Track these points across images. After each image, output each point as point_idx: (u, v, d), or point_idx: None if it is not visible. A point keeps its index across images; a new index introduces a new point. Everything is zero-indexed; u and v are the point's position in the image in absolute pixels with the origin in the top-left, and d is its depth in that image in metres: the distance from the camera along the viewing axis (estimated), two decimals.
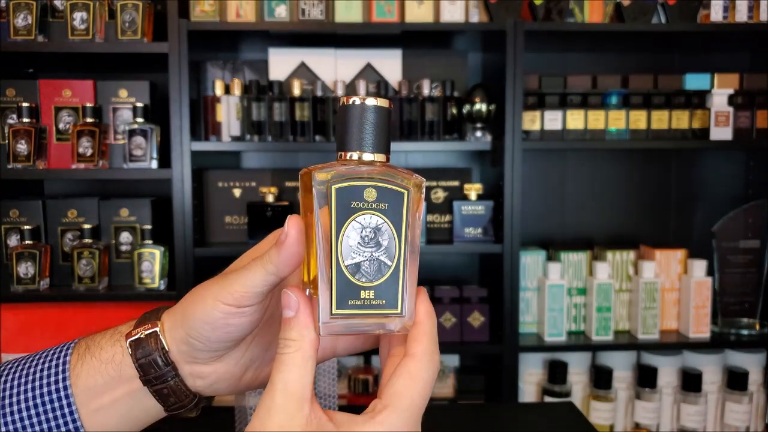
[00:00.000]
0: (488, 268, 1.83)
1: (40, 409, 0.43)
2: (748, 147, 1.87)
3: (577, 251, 1.79)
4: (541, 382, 1.80)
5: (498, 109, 1.67)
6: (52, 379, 0.44)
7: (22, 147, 1.61)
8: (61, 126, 1.69)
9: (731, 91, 1.73)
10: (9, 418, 0.43)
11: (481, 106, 1.67)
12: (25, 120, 1.62)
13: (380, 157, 0.39)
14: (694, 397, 1.71)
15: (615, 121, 1.72)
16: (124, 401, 0.44)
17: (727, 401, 1.74)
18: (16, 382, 0.44)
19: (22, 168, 1.61)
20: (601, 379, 1.72)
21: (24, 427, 0.44)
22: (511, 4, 1.66)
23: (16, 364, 0.46)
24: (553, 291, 1.72)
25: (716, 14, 1.69)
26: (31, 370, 0.45)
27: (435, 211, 1.76)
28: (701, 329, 1.73)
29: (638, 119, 1.72)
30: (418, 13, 1.66)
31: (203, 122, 1.71)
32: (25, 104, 1.63)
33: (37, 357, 0.45)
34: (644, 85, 1.74)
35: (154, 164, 1.65)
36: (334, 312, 0.38)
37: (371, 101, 0.39)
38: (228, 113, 1.68)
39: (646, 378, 1.72)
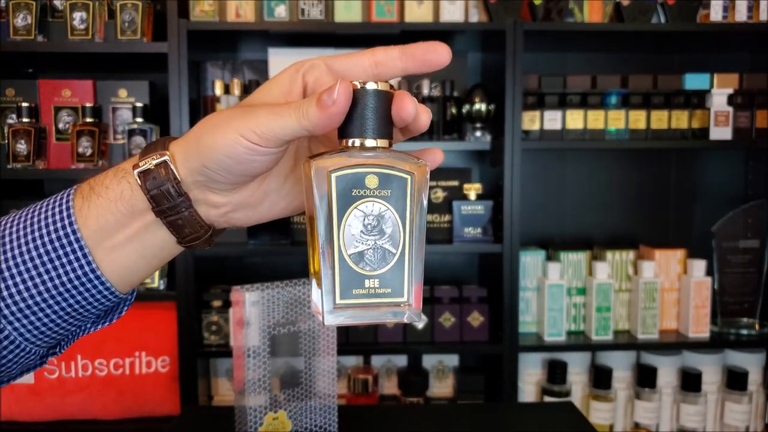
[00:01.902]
0: (488, 268, 1.83)
1: (52, 255, 0.41)
2: (747, 147, 1.87)
3: (576, 251, 1.79)
4: (540, 382, 1.80)
5: (497, 109, 1.67)
6: (59, 224, 0.41)
7: (22, 147, 1.61)
8: (60, 126, 1.69)
9: (731, 90, 1.73)
10: (16, 273, 0.41)
11: (480, 106, 1.67)
12: (25, 120, 1.62)
13: (383, 143, 0.39)
14: (694, 397, 1.71)
15: (614, 120, 1.72)
16: (139, 237, 0.43)
17: (726, 401, 1.74)
18: (17, 235, 0.42)
19: (21, 168, 1.61)
20: (601, 379, 1.72)
21: (40, 276, 0.41)
22: (510, 4, 1.66)
23: (15, 218, 0.43)
24: (553, 291, 1.72)
25: (716, 14, 1.69)
26: (35, 219, 0.42)
27: (434, 211, 1.76)
28: (701, 329, 1.73)
29: (638, 119, 1.72)
30: (418, 13, 1.66)
31: None
32: (24, 104, 1.63)
33: (38, 207, 0.43)
34: (644, 85, 1.74)
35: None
36: (338, 302, 0.38)
37: (371, 85, 0.38)
38: None
39: (645, 378, 1.72)
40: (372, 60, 0.41)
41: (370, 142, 0.38)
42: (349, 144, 0.38)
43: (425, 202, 0.39)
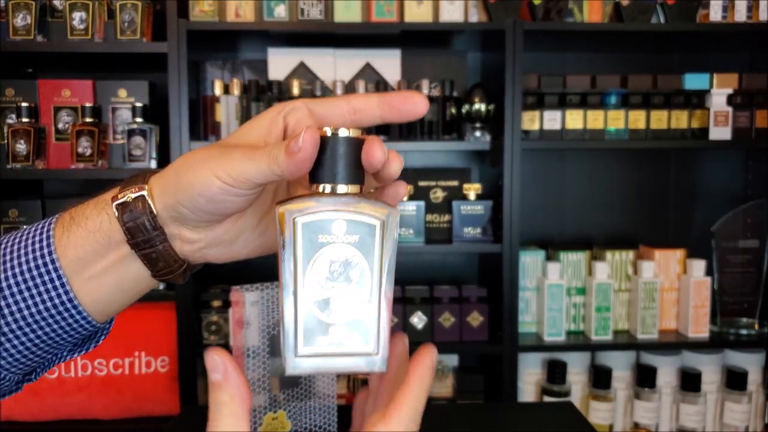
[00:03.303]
0: (487, 267, 1.83)
1: (30, 284, 0.42)
2: (747, 147, 1.87)
3: (576, 251, 1.79)
4: (540, 381, 1.80)
5: (497, 108, 1.67)
6: (38, 253, 0.42)
7: (22, 147, 1.61)
8: (60, 126, 1.69)
9: (730, 90, 1.73)
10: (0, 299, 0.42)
11: (480, 106, 1.67)
12: (25, 120, 1.62)
13: (353, 189, 0.38)
14: (694, 396, 1.71)
15: (614, 120, 1.72)
16: (115, 268, 0.43)
17: (726, 401, 1.74)
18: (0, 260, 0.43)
19: (21, 168, 1.61)
20: (601, 378, 1.72)
21: (17, 304, 0.42)
22: (510, 4, 1.66)
23: None
24: (553, 291, 1.72)
25: (715, 14, 1.69)
26: (15, 247, 0.43)
27: (434, 211, 1.76)
28: (700, 329, 1.73)
29: (637, 119, 1.72)
30: (418, 13, 1.66)
31: (202, 122, 1.71)
32: (24, 104, 1.62)
33: (19, 235, 0.44)
34: (643, 84, 1.74)
35: (154, 164, 1.65)
36: (300, 350, 0.37)
37: (343, 132, 0.38)
38: (227, 113, 1.68)
39: (645, 378, 1.72)
40: (350, 106, 0.41)
41: (340, 188, 0.38)
42: (320, 189, 0.38)
43: (394, 248, 0.38)
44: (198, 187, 0.40)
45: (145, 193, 0.42)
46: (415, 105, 0.41)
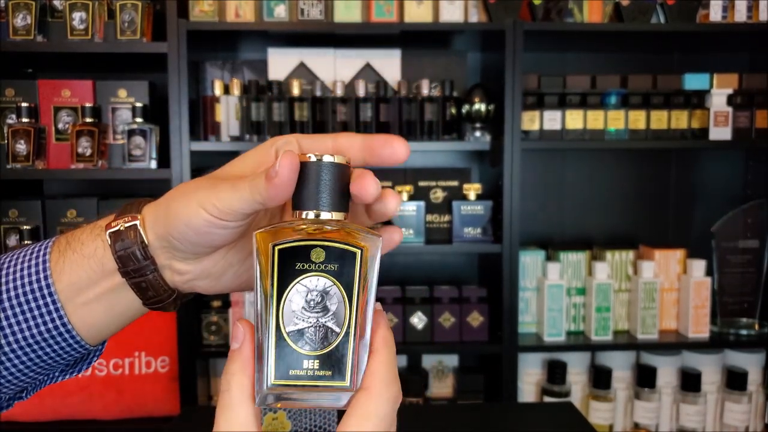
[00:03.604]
0: (487, 268, 1.83)
1: (24, 308, 0.43)
2: (747, 147, 1.87)
3: (576, 251, 1.79)
4: (540, 382, 1.80)
5: (497, 109, 1.67)
6: (34, 277, 0.43)
7: (21, 147, 1.61)
8: (60, 126, 1.69)
9: (730, 91, 1.73)
10: None
11: (480, 106, 1.67)
12: (24, 120, 1.62)
13: (337, 216, 0.37)
14: (694, 397, 1.71)
15: (614, 121, 1.72)
16: (107, 296, 0.44)
17: (726, 401, 1.74)
18: None
19: (21, 168, 1.61)
20: (601, 379, 1.72)
21: (11, 327, 0.43)
22: (510, 4, 1.66)
23: None
24: (553, 291, 1.72)
25: (715, 14, 1.69)
26: (12, 269, 0.44)
27: (434, 211, 1.76)
28: (700, 329, 1.73)
29: (637, 119, 1.72)
30: (418, 13, 1.66)
31: (202, 122, 1.71)
32: (24, 104, 1.62)
33: (16, 257, 0.44)
34: (643, 85, 1.74)
35: (153, 164, 1.65)
36: (272, 383, 0.35)
37: (327, 158, 0.37)
38: (227, 113, 1.68)
39: (645, 378, 1.72)
40: (335, 144, 0.42)
41: (323, 215, 0.37)
42: (302, 216, 0.37)
43: (375, 278, 0.36)
44: (185, 218, 0.40)
45: (138, 222, 0.42)
46: (393, 150, 0.40)
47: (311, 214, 0.37)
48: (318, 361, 0.36)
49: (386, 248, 0.42)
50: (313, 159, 0.37)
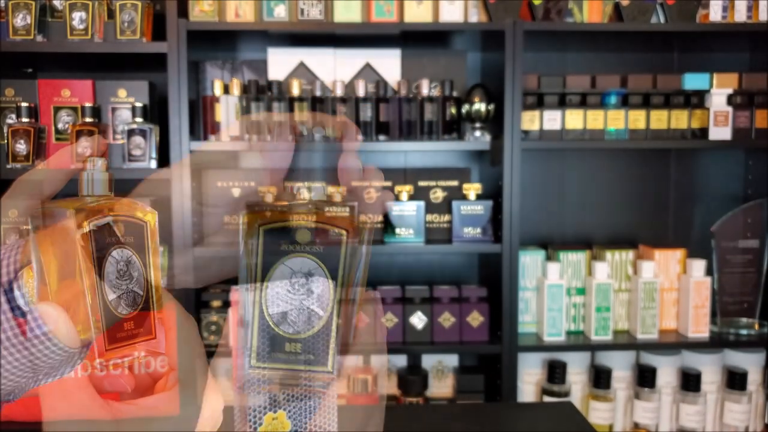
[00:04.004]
0: (487, 267, 1.83)
1: (5, 306, 0.43)
2: (747, 147, 1.87)
3: (576, 251, 1.79)
4: (540, 381, 1.80)
5: (497, 108, 1.67)
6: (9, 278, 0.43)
7: (21, 147, 1.61)
8: (60, 126, 1.69)
9: (730, 90, 1.73)
10: None
11: (480, 106, 1.67)
12: (24, 120, 1.62)
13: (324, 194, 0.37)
14: (693, 396, 1.71)
15: (614, 120, 1.72)
16: None
17: (726, 401, 1.74)
18: None
19: (21, 168, 1.61)
20: (601, 379, 1.72)
21: None
22: (510, 4, 1.66)
23: None
24: (552, 291, 1.72)
25: (715, 14, 1.69)
26: None
27: (434, 211, 1.76)
28: (700, 329, 1.73)
29: (637, 119, 1.72)
30: (417, 13, 1.66)
31: (202, 122, 1.71)
32: (24, 104, 1.62)
33: None
34: (643, 84, 1.74)
35: (153, 164, 1.65)
36: (253, 364, 0.35)
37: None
38: (227, 113, 1.68)
39: (645, 378, 1.72)
40: None
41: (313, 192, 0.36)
42: (293, 191, 0.36)
43: (363, 263, 0.35)
44: None
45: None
46: None
47: (304, 191, 0.36)
48: (300, 344, 0.35)
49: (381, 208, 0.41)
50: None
